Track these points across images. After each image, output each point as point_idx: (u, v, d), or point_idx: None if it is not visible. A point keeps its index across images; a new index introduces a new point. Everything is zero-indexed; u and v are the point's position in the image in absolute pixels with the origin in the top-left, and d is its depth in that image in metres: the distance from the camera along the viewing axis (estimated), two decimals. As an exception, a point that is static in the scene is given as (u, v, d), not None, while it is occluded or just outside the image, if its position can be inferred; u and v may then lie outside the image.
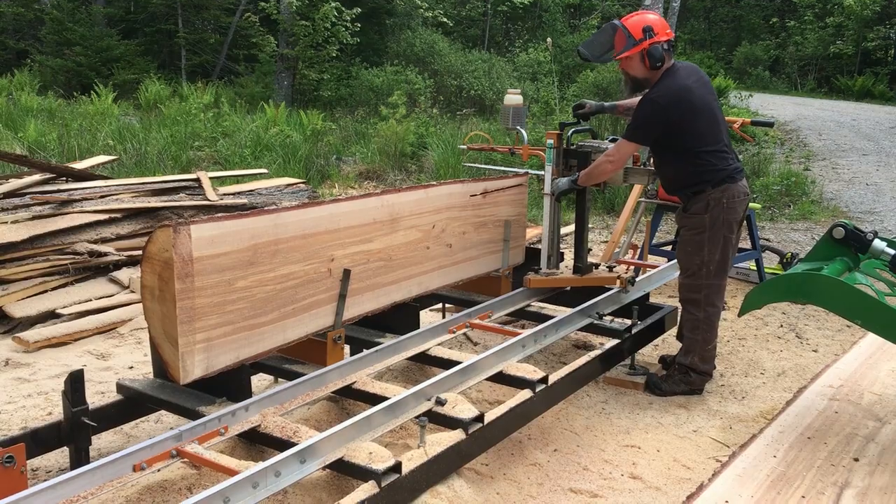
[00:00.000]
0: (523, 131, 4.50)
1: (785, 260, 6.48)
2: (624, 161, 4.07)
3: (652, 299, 4.80)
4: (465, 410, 3.02)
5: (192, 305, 2.75)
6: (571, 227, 8.02)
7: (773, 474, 3.07)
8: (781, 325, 5.42)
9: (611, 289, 4.39)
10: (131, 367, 4.43)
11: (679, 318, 4.43)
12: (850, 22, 26.18)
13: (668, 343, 4.97)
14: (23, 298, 5.11)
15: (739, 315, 5.17)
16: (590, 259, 4.53)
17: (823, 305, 3.45)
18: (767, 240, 7.69)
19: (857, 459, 3.23)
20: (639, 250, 5.97)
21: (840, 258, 3.65)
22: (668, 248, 6.40)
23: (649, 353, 4.72)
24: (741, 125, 5.27)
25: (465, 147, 5.03)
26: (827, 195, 10.24)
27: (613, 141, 4.33)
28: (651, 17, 4.01)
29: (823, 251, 3.71)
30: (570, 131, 4.42)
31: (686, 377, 4.17)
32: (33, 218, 5.55)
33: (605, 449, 3.56)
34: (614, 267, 4.54)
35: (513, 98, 4.52)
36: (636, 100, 4.20)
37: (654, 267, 4.99)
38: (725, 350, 4.92)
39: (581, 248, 4.40)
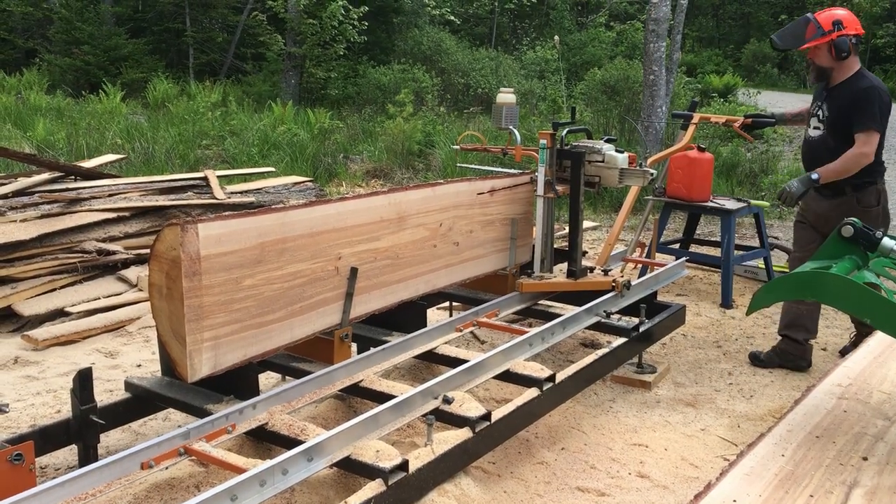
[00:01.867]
0: (516, 131, 4.43)
1: (793, 258, 6.44)
2: (875, 150, 4.19)
3: (660, 297, 4.79)
4: (473, 409, 3.02)
5: (200, 304, 2.75)
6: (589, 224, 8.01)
7: (781, 473, 3.05)
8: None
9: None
10: (139, 366, 4.44)
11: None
12: (860, 19, 26.08)
13: (676, 342, 4.96)
14: (31, 297, 5.14)
15: (748, 313, 5.13)
16: (585, 262, 4.44)
17: (832, 304, 3.43)
18: (776, 238, 7.67)
19: (865, 458, 3.21)
20: (646, 248, 5.96)
21: (849, 256, 3.63)
22: (676, 246, 6.39)
23: (657, 352, 4.71)
24: (741, 124, 5.17)
25: (458, 147, 5.01)
26: (836, 193, 10.18)
27: (609, 141, 4.29)
28: (840, 13, 4.36)
29: (832, 249, 3.69)
30: (565, 131, 4.35)
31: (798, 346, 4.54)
32: (42, 216, 5.57)
33: (612, 447, 3.56)
34: (609, 270, 4.46)
35: (505, 97, 4.43)
36: (802, 108, 4.83)
37: (661, 265, 4.98)
38: (733, 348, 4.90)
39: (575, 251, 4.30)
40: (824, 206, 4.42)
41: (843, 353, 4.75)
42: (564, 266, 4.40)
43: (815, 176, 4.21)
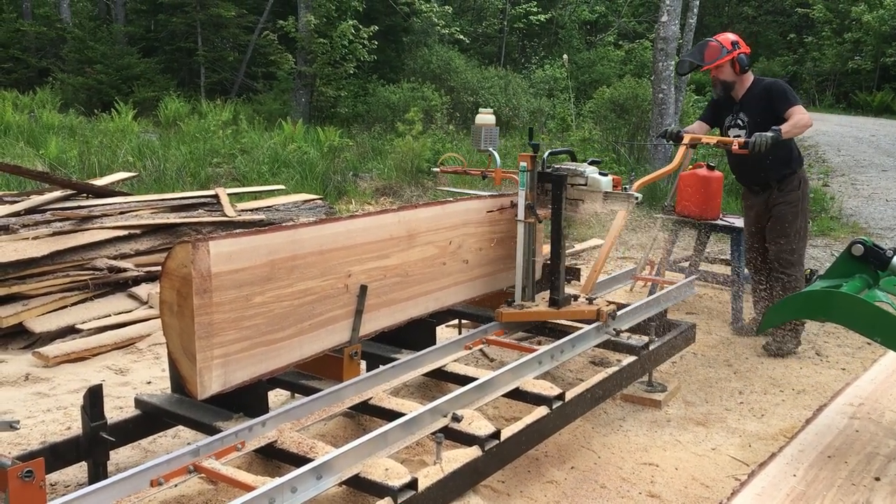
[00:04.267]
0: (496, 153, 4.30)
1: (804, 277, 6.42)
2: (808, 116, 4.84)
3: (669, 315, 4.77)
4: (482, 427, 3.01)
5: (210, 321, 2.76)
6: (594, 242, 8.01)
7: (793, 493, 3.03)
8: (801, 343, 5.37)
9: (625, 304, 4.34)
10: (149, 383, 4.45)
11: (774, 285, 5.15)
12: (869, 38, 26.04)
13: (687, 360, 4.94)
14: (43, 314, 5.16)
15: (758, 332, 5.12)
16: (570, 290, 4.25)
17: (843, 323, 3.42)
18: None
19: (878, 479, 3.19)
20: (656, 266, 5.95)
21: (859, 275, 3.62)
22: (686, 264, 6.38)
23: (667, 371, 4.69)
24: (738, 147, 4.77)
25: (438, 170, 4.96)
26: (846, 211, 10.16)
27: (593, 164, 4.21)
28: (733, 36, 5.08)
29: (842, 268, 3.68)
30: (547, 153, 4.20)
31: (796, 334, 5.13)
32: (54, 234, 5.61)
33: (622, 467, 3.54)
34: (594, 299, 4.22)
35: (484, 118, 4.31)
36: (690, 129, 5.27)
37: (671, 283, 4.97)
38: (744, 367, 4.88)
39: (557, 278, 4.08)
40: (758, 200, 5.24)
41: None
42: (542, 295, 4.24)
43: (777, 134, 4.60)
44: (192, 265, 2.69)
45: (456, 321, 4.66)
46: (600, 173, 4.14)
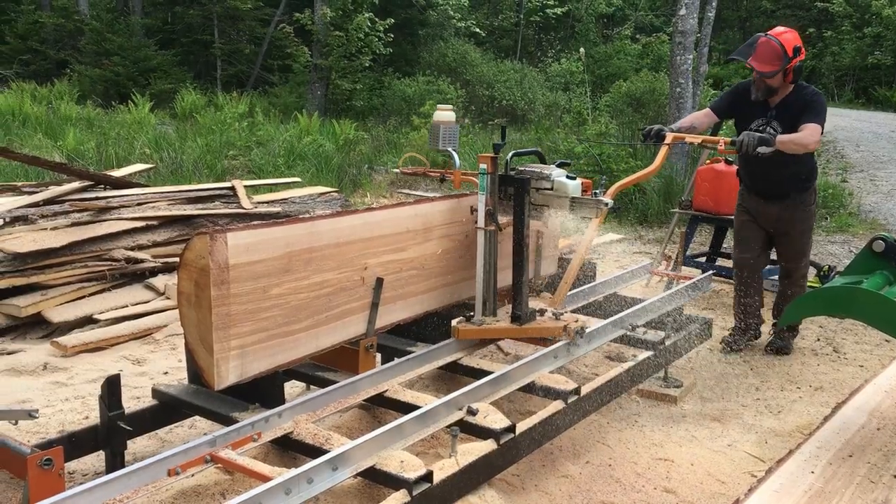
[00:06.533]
0: (455, 154, 4.06)
1: (822, 273, 6.37)
2: (820, 139, 4.46)
3: (686, 311, 4.74)
4: (497, 421, 3.00)
5: (228, 312, 2.77)
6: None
7: (810, 490, 3.01)
8: (818, 339, 5.33)
9: (642, 300, 4.32)
10: (166, 373, 4.47)
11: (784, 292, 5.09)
12: (889, 32, 25.77)
13: (701, 356, 4.91)
14: (61, 304, 5.20)
15: (779, 326, 5.06)
16: (539, 303, 3.94)
17: (863, 319, 3.39)
18: (804, 252, 7.57)
19: (897, 477, 3.16)
20: (672, 261, 5.92)
21: (880, 272, 3.58)
22: (703, 259, 6.34)
23: (683, 366, 4.67)
24: (725, 148, 4.56)
25: (398, 171, 4.86)
26: (865, 207, 10.07)
27: (562, 166, 3.94)
28: (794, 38, 4.49)
29: (863, 264, 3.65)
30: (511, 153, 3.88)
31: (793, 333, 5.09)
32: (72, 225, 5.64)
33: (637, 462, 3.52)
34: (562, 314, 3.85)
35: (443, 115, 4.04)
36: (691, 118, 4.89)
37: (688, 278, 4.94)
38: (761, 364, 4.85)
39: (520, 292, 3.71)
40: (774, 210, 4.86)
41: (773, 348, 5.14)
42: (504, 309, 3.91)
43: (770, 139, 4.29)
44: (209, 256, 2.70)
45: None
46: (568, 176, 3.80)
